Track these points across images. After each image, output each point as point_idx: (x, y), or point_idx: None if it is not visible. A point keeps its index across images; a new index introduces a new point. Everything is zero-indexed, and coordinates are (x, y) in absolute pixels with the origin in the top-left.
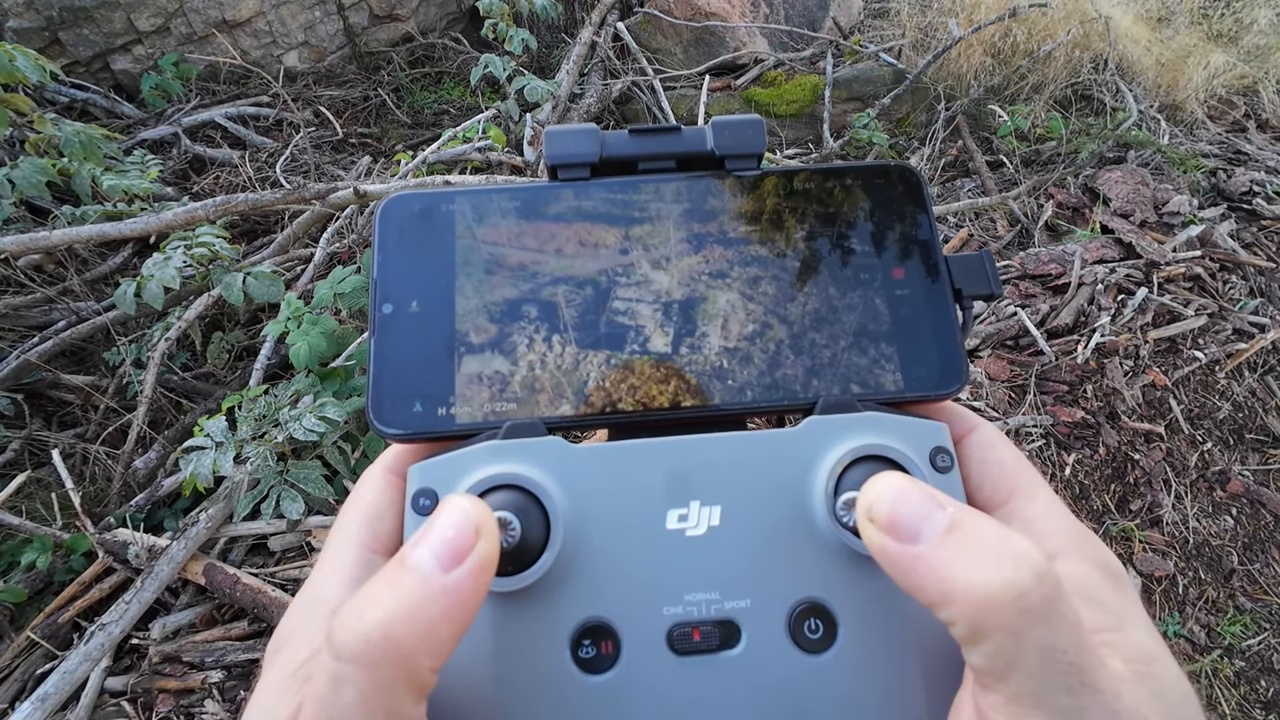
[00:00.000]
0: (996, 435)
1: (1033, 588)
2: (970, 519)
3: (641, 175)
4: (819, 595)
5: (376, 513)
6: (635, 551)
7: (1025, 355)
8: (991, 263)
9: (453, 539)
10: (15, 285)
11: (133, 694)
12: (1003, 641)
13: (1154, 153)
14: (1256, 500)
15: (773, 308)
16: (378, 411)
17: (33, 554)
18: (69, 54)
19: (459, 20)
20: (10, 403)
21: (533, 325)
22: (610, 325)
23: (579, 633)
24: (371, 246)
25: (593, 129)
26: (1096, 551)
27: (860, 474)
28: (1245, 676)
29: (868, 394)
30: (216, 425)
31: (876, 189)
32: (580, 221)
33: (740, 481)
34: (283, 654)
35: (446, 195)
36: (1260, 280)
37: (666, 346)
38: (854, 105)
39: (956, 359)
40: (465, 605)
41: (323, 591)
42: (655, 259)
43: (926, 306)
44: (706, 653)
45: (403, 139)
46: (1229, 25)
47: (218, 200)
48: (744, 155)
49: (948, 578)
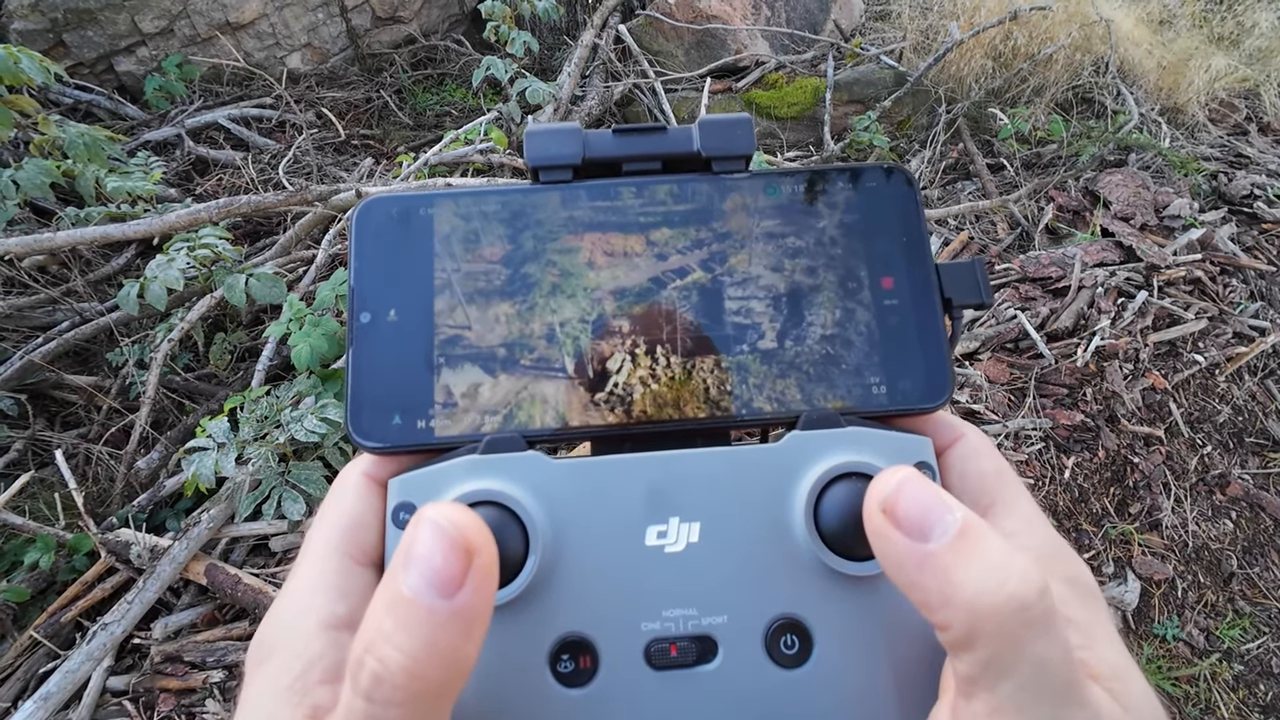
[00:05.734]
0: (982, 444)
1: (1035, 602)
2: (979, 527)
3: (626, 178)
4: (796, 612)
5: (357, 520)
6: (614, 568)
7: (1025, 358)
8: (983, 271)
9: (442, 566)
10: (19, 286)
11: (134, 693)
12: (999, 649)
13: (1155, 156)
14: (1256, 504)
15: (756, 319)
16: (356, 423)
17: (36, 554)
18: (73, 55)
19: (461, 22)
20: (14, 403)
21: (512, 335)
22: (591, 336)
23: (557, 647)
24: (348, 252)
25: (575, 128)
26: (1069, 567)
27: (840, 492)
28: (1244, 680)
29: (851, 408)
30: (219, 426)
31: (867, 193)
32: (561, 227)
33: (720, 498)
34: (271, 664)
35: (424, 198)
36: (1261, 284)
37: (647, 358)
38: (855, 108)
39: (943, 371)
40: (480, 620)
41: (307, 600)
42: (637, 267)
43: (914, 317)
44: (683, 667)
45: (405, 141)
46: (1230, 28)
47: (221, 202)
48: (731, 157)
49: (953, 582)
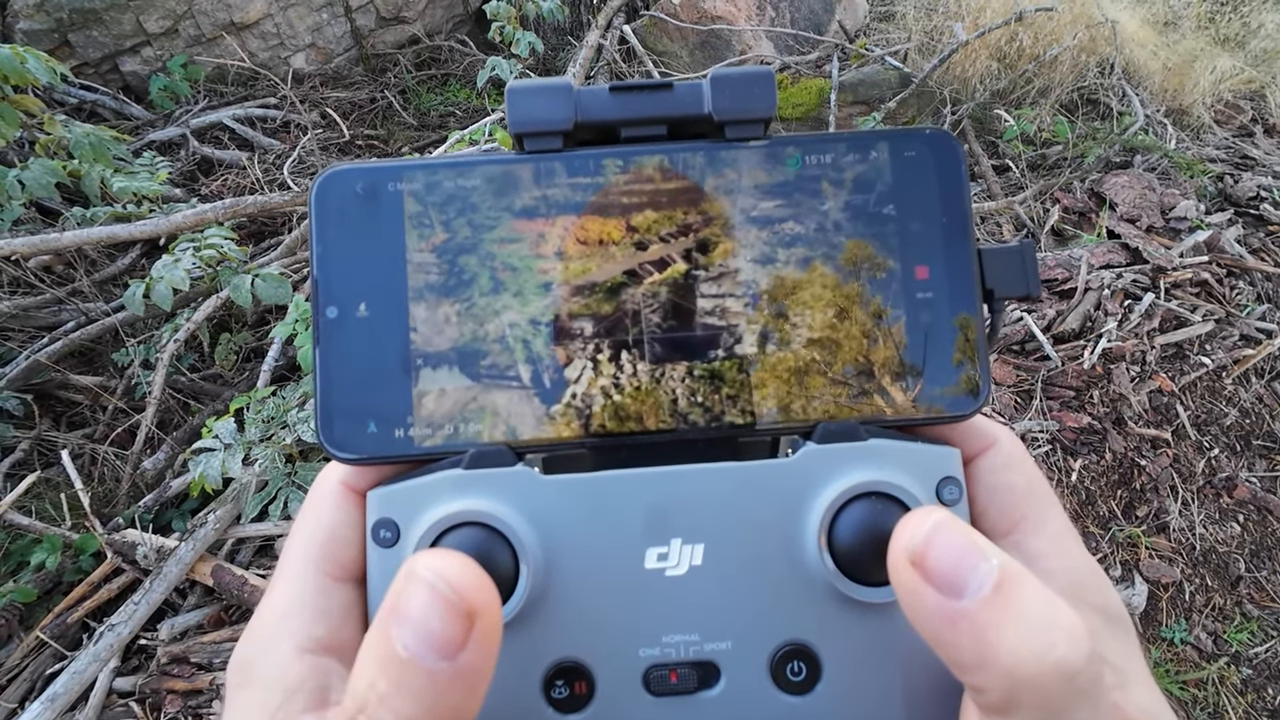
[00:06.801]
0: (1014, 452)
1: (1082, 669)
2: (1018, 578)
3: (625, 145)
4: (804, 638)
5: (334, 535)
6: (611, 592)
7: (1031, 360)
8: (1034, 258)
9: (440, 630)
10: (25, 286)
11: (141, 694)
12: (1039, 718)
13: (1160, 157)
14: (1264, 507)
15: (771, 317)
16: (327, 432)
17: (42, 554)
18: (78, 55)
19: (465, 23)
20: (20, 403)
21: (497, 332)
22: (584, 333)
23: (551, 673)
24: (309, 236)
25: (566, 85)
26: (1101, 595)
27: (857, 513)
28: (1252, 684)
29: (873, 417)
30: (225, 427)
31: (904, 163)
32: (550, 206)
33: (725, 519)
34: (252, 690)
35: (392, 170)
36: (1268, 286)
37: (647, 359)
38: (859, 109)
39: (979, 376)
40: (484, 675)
41: (284, 622)
42: (635, 254)
43: (950, 312)
44: (684, 694)
45: (409, 141)
46: (1236, 29)
47: (227, 202)
48: (749, 120)
49: (991, 643)
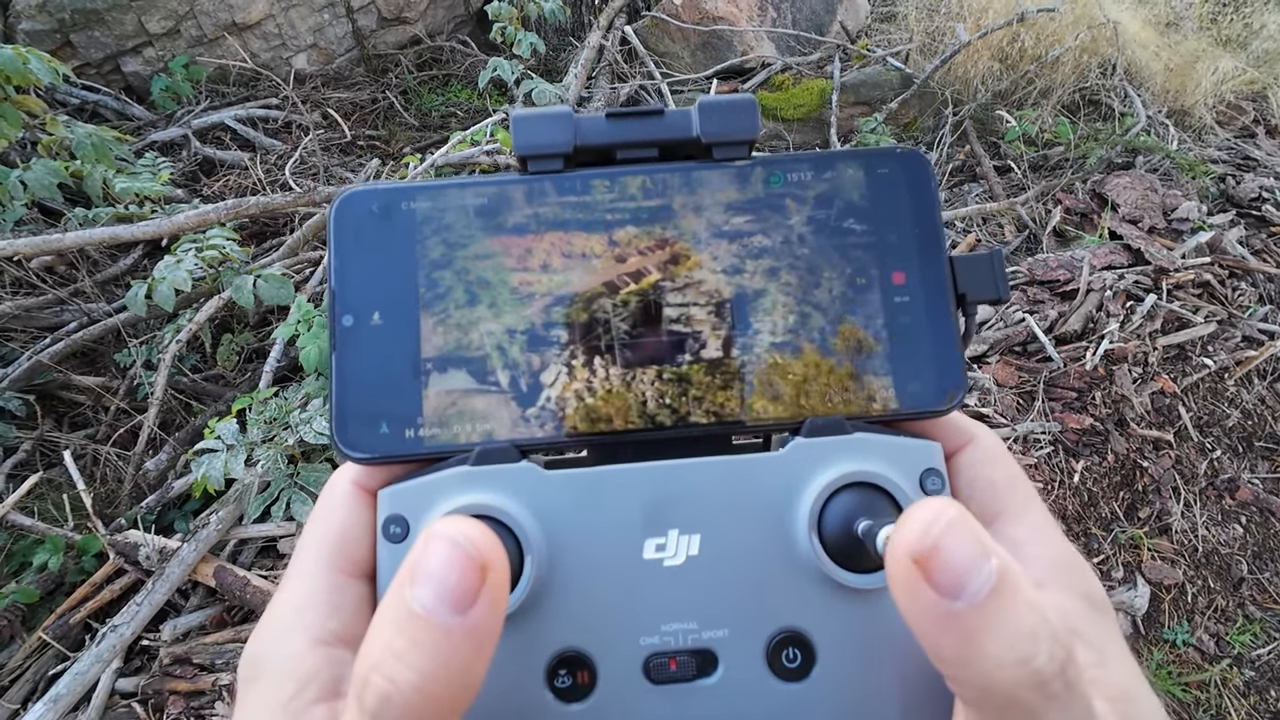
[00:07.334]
0: (993, 447)
1: (1057, 675)
2: (1013, 583)
3: (620, 166)
4: (798, 625)
5: (347, 533)
6: (612, 582)
7: (1033, 361)
8: (1001, 264)
9: (457, 582)
10: (27, 286)
11: (143, 695)
12: (1014, 716)
13: (1162, 158)
14: (1266, 508)
15: (760, 319)
16: (341, 433)
17: (44, 555)
18: (80, 56)
19: (467, 23)
20: (22, 403)
21: (501, 338)
22: (584, 339)
23: (555, 662)
24: (327, 250)
25: (566, 113)
26: (1081, 581)
27: (845, 503)
28: (1255, 686)
29: (858, 412)
30: (227, 428)
31: (878, 180)
32: (551, 222)
33: (720, 510)
34: (264, 682)
35: (406, 191)
36: (1270, 287)
37: (645, 361)
38: (861, 109)
39: (956, 372)
40: (492, 636)
41: (298, 616)
42: (631, 266)
43: (926, 314)
44: (683, 681)
45: (411, 141)
46: (1238, 30)
47: (229, 203)
48: (733, 142)
49: (976, 646)
